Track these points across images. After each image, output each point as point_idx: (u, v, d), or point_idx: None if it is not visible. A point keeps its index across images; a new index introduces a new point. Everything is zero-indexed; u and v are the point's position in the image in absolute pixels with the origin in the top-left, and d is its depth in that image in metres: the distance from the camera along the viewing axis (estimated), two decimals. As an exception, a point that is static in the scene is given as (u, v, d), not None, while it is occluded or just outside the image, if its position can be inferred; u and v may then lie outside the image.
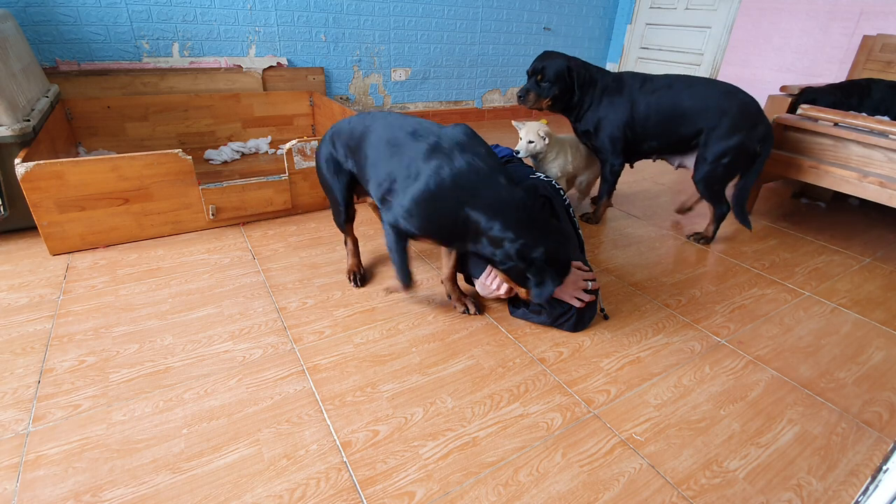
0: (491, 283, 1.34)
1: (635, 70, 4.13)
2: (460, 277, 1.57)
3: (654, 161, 2.13)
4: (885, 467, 0.54)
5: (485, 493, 0.89)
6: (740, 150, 1.73)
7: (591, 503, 0.88)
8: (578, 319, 1.32)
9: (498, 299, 1.45)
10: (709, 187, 1.82)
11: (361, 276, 1.53)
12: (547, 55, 1.91)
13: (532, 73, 1.92)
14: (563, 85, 1.87)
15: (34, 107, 1.76)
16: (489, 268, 1.34)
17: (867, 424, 1.09)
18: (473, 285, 1.48)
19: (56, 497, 0.84)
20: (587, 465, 0.96)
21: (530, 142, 1.89)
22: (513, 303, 1.41)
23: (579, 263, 1.31)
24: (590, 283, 1.30)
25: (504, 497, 0.88)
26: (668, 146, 1.89)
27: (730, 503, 0.90)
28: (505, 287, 1.32)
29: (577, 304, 1.29)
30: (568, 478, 0.93)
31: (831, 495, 0.92)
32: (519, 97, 1.95)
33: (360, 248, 1.60)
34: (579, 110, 1.93)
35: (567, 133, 2.09)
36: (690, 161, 1.89)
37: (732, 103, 1.74)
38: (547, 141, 1.90)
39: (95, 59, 2.38)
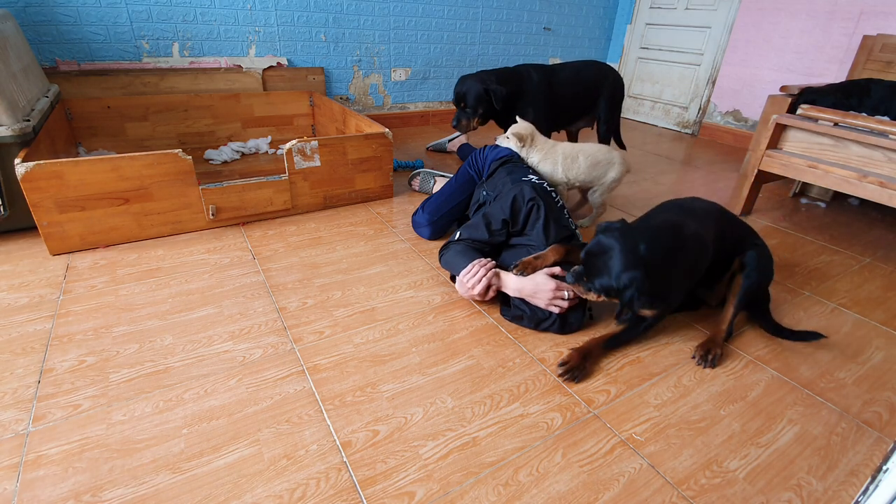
0: (468, 281, 1.35)
1: (634, 69, 4.18)
2: (446, 274, 1.57)
3: (560, 132, 2.61)
4: (885, 467, 0.54)
5: (485, 493, 0.89)
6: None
7: (591, 503, 0.88)
8: (563, 323, 1.32)
9: (495, 300, 1.45)
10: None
11: None
12: (463, 81, 2.16)
13: (456, 101, 2.20)
14: (486, 105, 2.16)
15: (34, 107, 1.76)
16: (468, 266, 1.35)
17: (867, 424, 1.09)
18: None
19: (56, 497, 0.84)
20: (587, 465, 0.96)
21: (506, 138, 1.85)
22: (504, 304, 1.41)
23: (557, 270, 1.31)
24: (566, 293, 1.29)
25: (504, 497, 0.88)
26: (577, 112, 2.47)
27: (730, 503, 0.90)
28: (479, 287, 1.34)
29: (556, 310, 1.29)
30: (568, 478, 0.93)
31: (831, 495, 0.93)
32: (453, 125, 2.26)
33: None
34: (508, 116, 2.18)
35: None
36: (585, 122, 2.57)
37: (607, 72, 2.43)
38: (515, 142, 1.80)
39: (95, 59, 2.38)
